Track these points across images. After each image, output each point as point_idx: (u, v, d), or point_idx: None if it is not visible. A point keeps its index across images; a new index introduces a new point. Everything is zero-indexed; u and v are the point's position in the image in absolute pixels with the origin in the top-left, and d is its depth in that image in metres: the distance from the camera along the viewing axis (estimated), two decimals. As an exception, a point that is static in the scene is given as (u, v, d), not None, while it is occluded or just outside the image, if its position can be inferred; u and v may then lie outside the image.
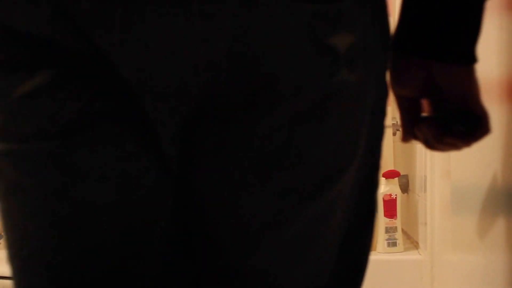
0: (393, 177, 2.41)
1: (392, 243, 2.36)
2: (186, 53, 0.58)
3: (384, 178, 2.41)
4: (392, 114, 2.44)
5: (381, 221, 2.38)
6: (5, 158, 0.63)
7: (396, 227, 2.37)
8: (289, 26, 0.59)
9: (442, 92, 0.74)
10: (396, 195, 2.39)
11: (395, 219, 2.38)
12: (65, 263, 0.64)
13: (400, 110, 0.80)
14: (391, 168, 2.47)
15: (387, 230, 2.37)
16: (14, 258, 0.67)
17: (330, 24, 0.62)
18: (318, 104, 0.63)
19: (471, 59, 0.72)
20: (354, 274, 0.81)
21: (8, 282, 1.69)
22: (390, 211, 2.38)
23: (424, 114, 0.80)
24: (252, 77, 0.60)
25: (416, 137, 0.81)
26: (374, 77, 0.69)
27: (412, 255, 2.32)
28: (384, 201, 2.39)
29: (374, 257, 2.32)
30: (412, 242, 2.48)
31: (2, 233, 2.21)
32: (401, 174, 2.48)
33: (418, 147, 2.35)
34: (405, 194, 2.56)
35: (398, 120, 2.00)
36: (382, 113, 0.74)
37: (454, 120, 0.76)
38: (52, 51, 0.60)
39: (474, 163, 1.12)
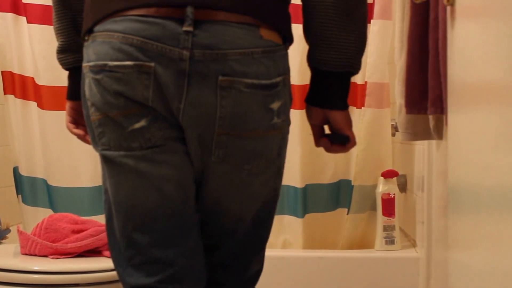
0: (391, 177, 2.43)
1: (390, 241, 2.38)
2: (209, 112, 1.25)
3: (382, 178, 2.43)
4: (391, 115, 2.47)
5: (379, 220, 2.41)
6: (127, 158, 1.26)
7: (394, 226, 2.39)
8: (253, 100, 1.26)
9: (330, 123, 1.39)
10: (394, 194, 2.42)
11: (393, 218, 2.40)
12: (159, 201, 1.29)
13: (312, 131, 1.44)
14: (390, 168, 2.49)
15: (385, 228, 2.39)
16: (129, 208, 1.29)
17: (271, 98, 1.28)
18: (264, 132, 1.30)
19: (345, 107, 1.38)
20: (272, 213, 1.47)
21: (9, 275, 1.70)
22: (388, 210, 2.40)
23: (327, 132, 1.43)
24: (239, 121, 1.27)
25: (320, 145, 1.44)
26: (287, 119, 1.35)
27: (409, 253, 2.35)
28: (383, 200, 2.41)
29: (372, 255, 2.36)
30: (409, 240, 2.50)
31: (10, 228, 2.20)
32: (400, 173, 2.50)
33: (416, 148, 2.37)
34: (403, 193, 2.58)
35: (396, 121, 2.03)
36: (287, 135, 1.38)
37: (336, 139, 1.41)
38: (151, 110, 1.24)
39: (471, 162, 1.14)
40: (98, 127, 1.27)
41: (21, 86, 2.51)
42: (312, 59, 1.36)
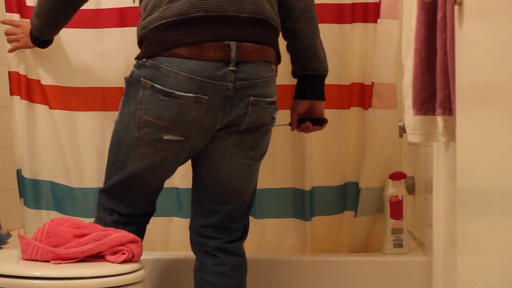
0: (399, 179, 2.41)
1: (398, 244, 2.36)
2: (241, 118, 1.87)
3: (390, 180, 2.40)
4: (399, 116, 2.45)
5: (388, 223, 2.38)
6: (150, 153, 1.88)
7: (402, 228, 2.37)
8: (268, 112, 1.90)
9: (313, 111, 2.06)
10: (402, 196, 2.39)
11: (401, 221, 2.38)
12: (153, 181, 1.97)
13: (293, 119, 2.08)
14: (398, 170, 2.47)
15: (393, 231, 2.37)
16: (136, 173, 1.91)
17: (275, 110, 1.93)
18: (267, 131, 1.95)
19: (324, 98, 2.07)
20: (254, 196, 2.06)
21: (9, 281, 1.66)
22: (397, 213, 2.38)
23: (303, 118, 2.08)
24: (257, 124, 1.90)
25: (300, 129, 2.09)
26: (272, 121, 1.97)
27: (418, 256, 2.32)
28: (391, 202, 2.38)
29: (380, 258, 2.34)
30: (418, 244, 2.48)
31: (10, 232, 2.18)
32: (408, 175, 2.48)
33: (424, 149, 2.35)
34: (412, 195, 2.55)
35: (404, 122, 2.01)
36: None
37: (317, 122, 2.06)
38: (185, 133, 1.85)
39: (480, 163, 1.13)
40: (141, 123, 1.83)
41: (27, 86, 2.49)
42: (307, 68, 2.02)
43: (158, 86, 1.79)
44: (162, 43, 1.80)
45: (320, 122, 2.05)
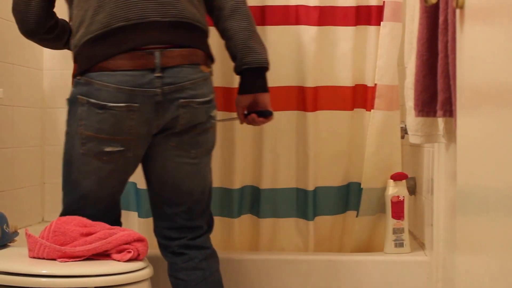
0: (401, 179, 2.42)
1: (399, 244, 2.37)
2: (174, 120, 1.90)
3: (392, 180, 2.42)
4: (401, 117, 2.46)
5: (389, 222, 2.40)
6: (96, 166, 1.89)
7: (403, 228, 2.38)
8: (201, 111, 1.91)
9: (257, 103, 2.05)
10: (403, 197, 2.40)
11: (403, 221, 2.39)
12: (105, 191, 1.97)
13: (239, 113, 2.10)
14: (399, 170, 2.48)
15: (395, 231, 2.38)
16: (86, 187, 1.92)
17: (210, 108, 1.95)
18: (206, 129, 1.96)
19: (266, 90, 2.05)
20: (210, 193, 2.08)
21: (8, 278, 1.67)
22: (398, 213, 2.39)
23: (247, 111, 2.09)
24: (192, 124, 1.91)
25: (244, 122, 2.11)
26: (216, 121, 2.01)
27: (418, 256, 2.34)
28: (392, 202, 2.39)
29: (382, 258, 2.36)
30: (418, 243, 2.49)
31: (18, 231, 2.18)
32: (409, 176, 2.49)
33: (425, 150, 2.36)
34: (413, 196, 2.56)
35: (405, 124, 2.02)
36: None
37: (262, 114, 2.06)
38: (124, 142, 1.88)
39: (480, 164, 1.14)
40: (84, 139, 1.87)
41: None
42: (244, 63, 2.01)
43: (92, 100, 1.83)
44: (90, 58, 1.84)
45: (265, 114, 2.07)
